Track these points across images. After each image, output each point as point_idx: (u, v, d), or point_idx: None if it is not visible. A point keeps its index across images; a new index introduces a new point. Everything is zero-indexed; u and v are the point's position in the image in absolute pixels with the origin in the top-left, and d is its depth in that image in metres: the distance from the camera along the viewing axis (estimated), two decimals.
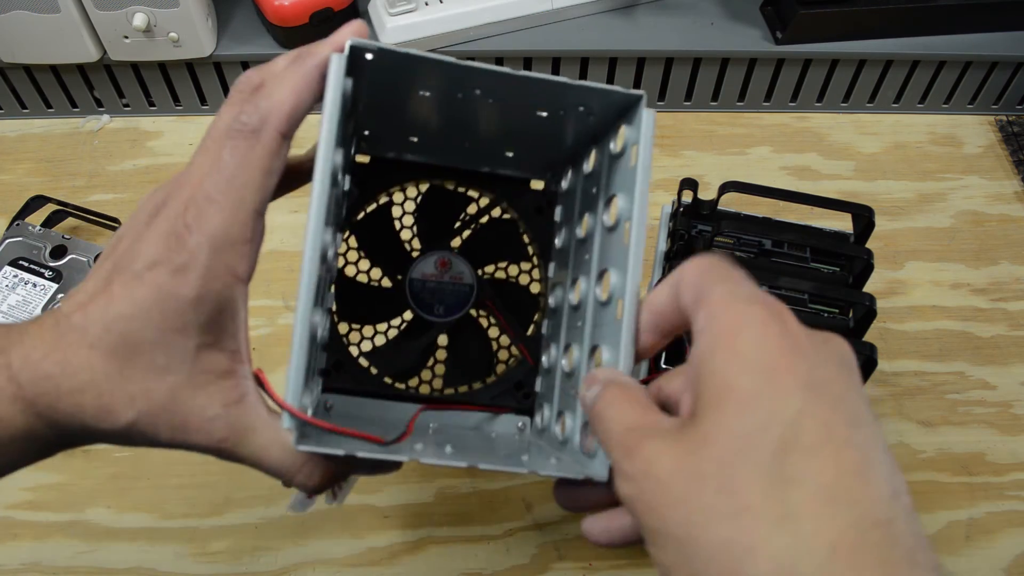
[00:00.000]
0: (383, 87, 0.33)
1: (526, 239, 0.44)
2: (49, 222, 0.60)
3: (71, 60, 0.65)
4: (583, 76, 0.70)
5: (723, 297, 0.26)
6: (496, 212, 0.43)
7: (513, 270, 0.44)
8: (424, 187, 0.42)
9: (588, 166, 0.38)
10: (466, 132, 0.39)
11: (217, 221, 0.28)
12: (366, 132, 0.39)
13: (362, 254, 0.42)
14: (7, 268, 0.56)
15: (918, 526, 0.22)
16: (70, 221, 0.61)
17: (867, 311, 0.43)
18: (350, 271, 0.42)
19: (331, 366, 0.40)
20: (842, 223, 0.49)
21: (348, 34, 0.29)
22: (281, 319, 0.60)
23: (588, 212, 0.37)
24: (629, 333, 0.30)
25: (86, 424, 0.28)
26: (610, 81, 0.70)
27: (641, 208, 0.31)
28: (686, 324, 0.28)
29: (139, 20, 0.62)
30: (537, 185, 0.43)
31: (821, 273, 0.47)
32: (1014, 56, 0.69)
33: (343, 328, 0.42)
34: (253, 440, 0.29)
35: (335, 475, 0.32)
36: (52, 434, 0.28)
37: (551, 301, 0.42)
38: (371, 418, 0.39)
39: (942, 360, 0.60)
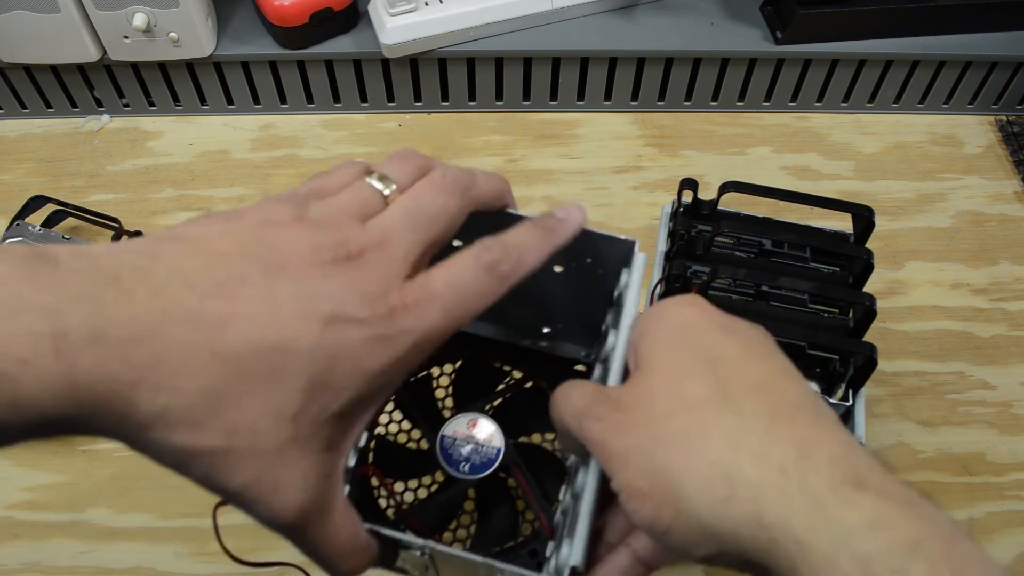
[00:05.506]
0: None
1: None
2: (49, 222, 0.60)
3: (71, 60, 0.65)
4: (583, 76, 0.70)
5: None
6: (529, 384, 0.44)
7: (537, 437, 0.44)
8: (458, 364, 0.44)
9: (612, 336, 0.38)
10: (507, 303, 0.40)
11: (434, 321, 0.26)
12: None
13: (403, 413, 0.43)
14: None
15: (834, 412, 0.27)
16: (70, 221, 0.61)
17: (867, 311, 0.43)
18: (393, 428, 0.43)
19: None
20: (842, 223, 0.49)
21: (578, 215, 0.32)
22: None
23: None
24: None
25: (145, 429, 0.22)
26: (610, 81, 0.70)
27: (625, 343, 0.33)
28: None
29: (139, 20, 0.62)
30: (579, 367, 0.44)
31: (821, 273, 0.47)
32: (1014, 56, 0.69)
33: (374, 482, 0.41)
34: (327, 520, 0.27)
35: (371, 562, 0.31)
36: (75, 425, 0.22)
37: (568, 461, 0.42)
38: None
39: (942, 360, 0.60)
